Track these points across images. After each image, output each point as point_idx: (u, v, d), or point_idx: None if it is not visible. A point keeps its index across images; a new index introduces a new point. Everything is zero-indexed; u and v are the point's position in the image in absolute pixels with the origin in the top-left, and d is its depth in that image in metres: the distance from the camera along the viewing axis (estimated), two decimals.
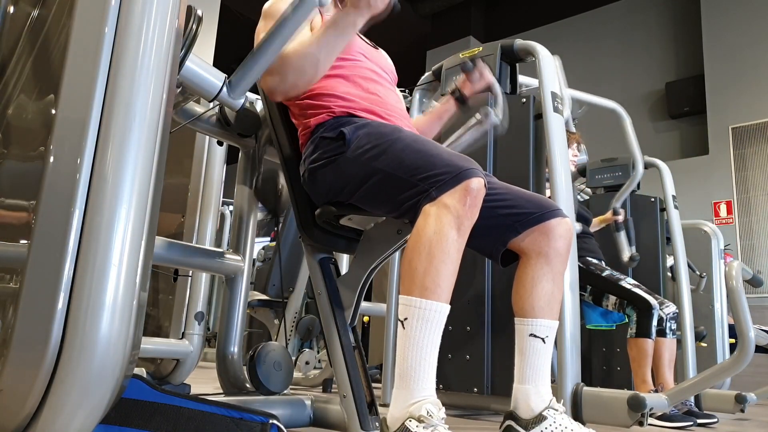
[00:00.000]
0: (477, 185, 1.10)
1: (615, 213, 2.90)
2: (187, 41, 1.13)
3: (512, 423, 1.26)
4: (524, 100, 2.29)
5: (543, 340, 1.27)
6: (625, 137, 2.93)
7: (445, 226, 1.08)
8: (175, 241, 1.62)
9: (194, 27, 1.13)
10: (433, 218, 1.09)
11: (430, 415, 1.03)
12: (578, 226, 2.76)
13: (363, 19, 1.28)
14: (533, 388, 1.26)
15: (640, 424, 1.74)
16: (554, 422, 1.20)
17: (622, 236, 2.91)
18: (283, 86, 1.33)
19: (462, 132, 1.62)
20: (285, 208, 1.62)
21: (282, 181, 1.61)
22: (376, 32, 1.68)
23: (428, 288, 1.07)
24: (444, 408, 1.07)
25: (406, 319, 1.08)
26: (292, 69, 1.30)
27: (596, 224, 2.96)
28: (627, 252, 2.88)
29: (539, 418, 1.22)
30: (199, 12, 1.13)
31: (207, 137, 1.97)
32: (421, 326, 1.07)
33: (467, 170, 1.11)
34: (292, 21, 1.19)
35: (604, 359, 3.20)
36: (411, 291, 1.08)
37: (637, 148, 2.94)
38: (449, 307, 1.09)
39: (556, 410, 1.23)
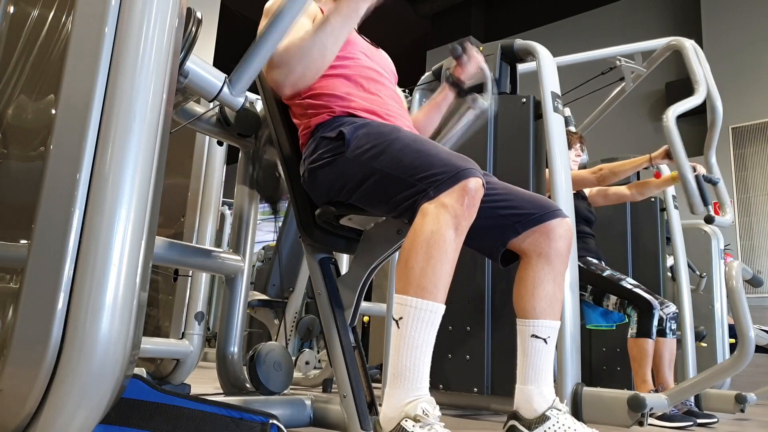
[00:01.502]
0: (475, 185, 1.10)
1: (714, 183, 2.72)
2: (186, 43, 1.13)
3: (515, 423, 1.26)
4: (524, 100, 2.29)
5: (545, 340, 1.27)
6: (691, 69, 2.77)
7: (443, 226, 1.07)
8: (175, 241, 1.62)
9: (194, 29, 1.13)
10: (430, 217, 1.09)
11: (426, 414, 1.02)
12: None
13: (366, 4, 1.29)
14: (536, 388, 1.25)
15: (640, 424, 1.74)
16: (557, 422, 1.20)
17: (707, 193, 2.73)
18: (291, 77, 1.33)
19: (455, 120, 1.62)
20: (282, 195, 1.63)
21: (280, 170, 1.62)
22: (376, 32, 1.68)
23: (425, 288, 1.07)
24: (439, 407, 1.07)
25: (401, 318, 1.08)
26: (299, 58, 1.31)
27: (664, 183, 2.81)
28: (710, 209, 2.71)
29: (542, 419, 1.22)
30: (199, 14, 1.13)
31: (207, 137, 1.97)
32: (416, 326, 1.07)
33: (465, 170, 1.11)
34: (290, 11, 1.19)
35: (604, 359, 3.20)
36: (407, 290, 1.08)
37: (712, 81, 2.78)
38: (445, 307, 1.09)
39: (559, 410, 1.23)
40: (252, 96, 1.80)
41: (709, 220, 2.62)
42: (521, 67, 2.50)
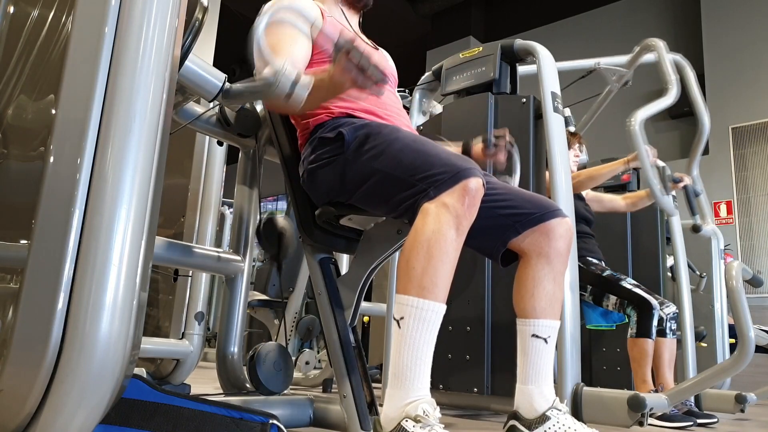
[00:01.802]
0: (475, 185, 1.10)
1: (676, 181, 2.79)
2: (192, 30, 1.13)
3: (516, 423, 1.26)
4: (524, 100, 2.29)
5: (545, 340, 1.27)
6: (688, 90, 2.83)
7: (444, 226, 1.08)
8: (175, 241, 1.62)
9: (200, 16, 1.12)
10: (431, 217, 1.09)
11: (427, 415, 1.02)
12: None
13: (348, 88, 1.18)
14: (536, 388, 1.26)
15: (640, 424, 1.73)
16: (557, 422, 1.20)
17: (694, 202, 2.81)
18: (275, 108, 1.43)
19: None
20: (286, 253, 1.62)
21: (281, 223, 1.62)
22: (376, 32, 1.68)
23: (426, 287, 1.07)
24: (439, 407, 1.07)
25: (402, 318, 1.08)
26: (285, 104, 1.28)
27: (647, 198, 2.86)
28: (697, 219, 2.80)
29: (542, 418, 1.22)
30: (205, 1, 1.13)
31: (207, 137, 1.97)
32: (417, 326, 1.07)
33: (466, 170, 1.11)
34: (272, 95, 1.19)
35: (604, 359, 3.20)
36: (408, 290, 1.08)
37: (702, 101, 2.84)
38: (446, 307, 1.09)
39: (560, 410, 1.23)
40: None
41: (696, 229, 2.71)
42: (521, 69, 2.51)
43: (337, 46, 1.08)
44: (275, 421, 0.96)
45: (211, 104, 1.62)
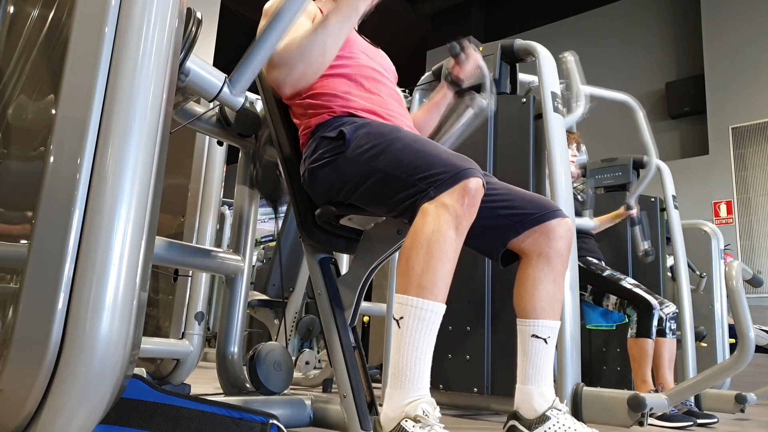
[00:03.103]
0: (475, 185, 1.10)
1: (628, 208, 2.90)
2: (186, 43, 1.13)
3: (516, 423, 1.26)
4: (524, 100, 2.29)
5: (545, 340, 1.27)
6: (639, 130, 2.90)
7: (444, 226, 1.07)
8: (175, 241, 1.62)
9: (194, 29, 1.13)
10: (431, 217, 1.09)
11: (427, 415, 1.02)
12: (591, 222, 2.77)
13: (364, 4, 1.30)
14: (536, 388, 1.25)
15: (640, 424, 1.73)
16: (557, 422, 1.20)
17: (638, 230, 2.93)
18: (292, 76, 1.34)
19: (454, 119, 1.62)
20: (283, 195, 1.63)
21: (280, 169, 1.62)
22: (376, 32, 1.68)
23: (425, 287, 1.07)
24: (439, 407, 1.07)
25: (402, 318, 1.08)
26: (300, 57, 1.31)
27: (608, 220, 2.94)
28: (643, 246, 2.91)
29: (542, 419, 1.22)
30: (199, 14, 1.13)
31: (207, 137, 1.97)
32: (417, 325, 1.07)
33: (466, 170, 1.11)
34: (289, 11, 1.18)
35: (604, 359, 3.20)
36: (407, 290, 1.08)
37: (652, 141, 2.91)
38: (445, 306, 1.09)
39: (560, 410, 1.23)
40: (252, 96, 1.80)
41: (647, 254, 2.95)
42: (521, 76, 2.51)
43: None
44: (275, 421, 0.96)
45: (211, 104, 1.62)
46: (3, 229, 0.93)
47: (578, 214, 2.76)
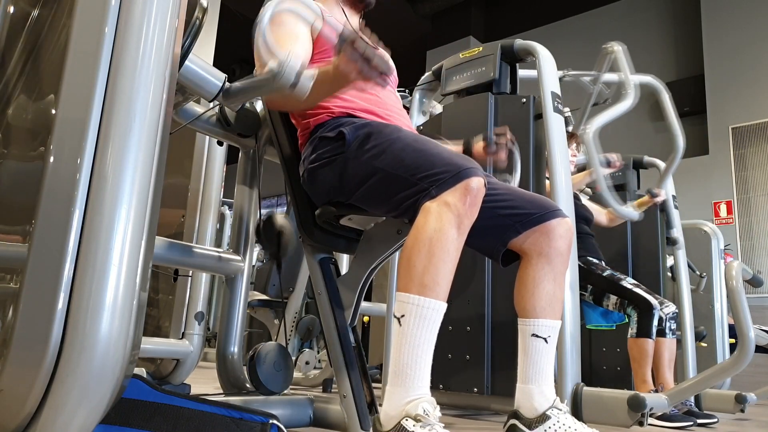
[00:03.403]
0: (477, 184, 1.10)
1: (653, 195, 2.85)
2: (191, 33, 1.13)
3: (516, 422, 1.26)
4: (524, 100, 2.29)
5: (545, 340, 1.27)
6: (664, 111, 2.84)
7: (446, 224, 1.08)
8: (175, 241, 1.62)
9: (200, 16, 1.12)
10: (433, 216, 1.09)
11: (427, 414, 1.02)
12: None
13: (348, 86, 1.21)
14: (536, 387, 1.26)
15: (640, 424, 1.73)
16: (558, 422, 1.21)
17: (666, 216, 2.90)
18: (275, 105, 1.44)
19: None
20: (286, 251, 1.62)
21: (280, 222, 1.61)
22: (376, 32, 1.67)
23: (427, 286, 1.07)
24: (439, 407, 1.07)
25: (403, 316, 1.08)
26: (285, 100, 1.34)
27: (635, 208, 2.90)
28: (674, 232, 2.87)
29: (543, 418, 1.22)
30: (204, 2, 1.13)
31: (207, 137, 1.97)
32: (418, 324, 1.07)
33: (467, 169, 1.11)
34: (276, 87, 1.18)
35: (604, 359, 3.20)
36: (409, 288, 1.08)
37: (677, 122, 2.86)
38: (446, 305, 1.09)
39: (560, 410, 1.23)
40: None
41: (672, 242, 2.89)
42: (521, 72, 2.51)
43: (341, 36, 1.07)
44: (275, 421, 0.96)
45: (211, 104, 1.62)
46: (3, 229, 0.93)
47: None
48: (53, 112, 0.79)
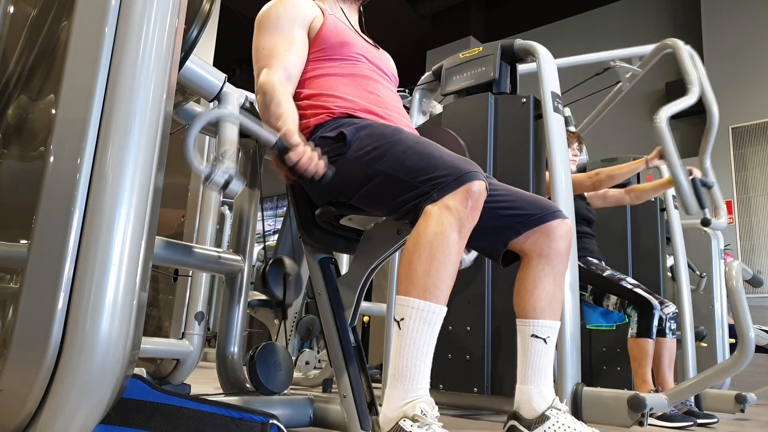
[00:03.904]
0: (479, 188, 1.10)
1: (690, 173, 2.76)
2: (200, 21, 1.12)
3: (515, 423, 1.26)
4: (524, 100, 2.29)
5: (545, 340, 1.27)
6: (682, 65, 2.81)
7: (447, 228, 1.07)
8: (175, 241, 1.62)
9: (207, 6, 1.12)
10: (434, 219, 1.09)
11: (425, 414, 1.02)
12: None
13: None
14: (536, 388, 1.26)
15: (640, 424, 1.73)
16: (557, 422, 1.20)
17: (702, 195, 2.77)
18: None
19: None
20: (294, 298, 1.59)
21: (288, 267, 1.59)
22: (376, 32, 1.67)
23: (428, 289, 1.07)
24: (439, 407, 1.07)
25: (403, 319, 1.08)
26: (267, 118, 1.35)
27: (659, 188, 2.83)
28: (706, 213, 2.74)
29: (542, 418, 1.22)
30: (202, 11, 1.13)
31: (207, 137, 1.97)
32: (418, 327, 1.07)
33: (469, 173, 1.11)
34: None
35: (604, 359, 3.20)
36: (409, 292, 1.08)
37: (708, 85, 2.81)
38: (446, 309, 1.09)
39: (559, 410, 1.23)
40: (252, 96, 1.80)
41: (705, 222, 2.65)
42: (521, 68, 2.51)
43: (277, 142, 1.16)
44: (275, 421, 0.96)
45: (211, 104, 1.62)
46: (3, 229, 0.93)
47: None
48: (53, 112, 0.79)
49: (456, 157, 1.16)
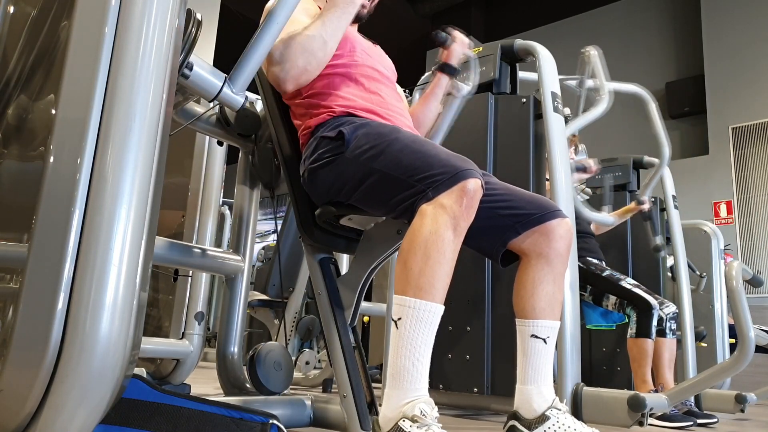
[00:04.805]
0: (474, 186, 1.10)
1: (639, 203, 2.88)
2: (186, 45, 1.13)
3: (515, 423, 1.26)
4: (524, 100, 2.29)
5: (544, 340, 1.27)
6: (651, 122, 2.88)
7: (441, 227, 1.07)
8: (175, 241, 1.62)
9: (194, 31, 1.12)
10: (429, 218, 1.09)
11: (424, 415, 1.02)
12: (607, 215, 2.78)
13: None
14: (535, 388, 1.26)
15: (640, 424, 1.73)
16: (557, 422, 1.21)
17: (649, 225, 2.91)
18: (293, 72, 1.32)
19: (445, 111, 1.68)
20: (280, 181, 1.63)
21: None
22: (376, 32, 1.67)
23: (423, 288, 1.07)
24: (439, 407, 1.07)
25: (399, 319, 1.08)
26: (300, 52, 1.31)
27: (620, 216, 2.93)
28: (655, 240, 2.88)
29: (542, 418, 1.22)
30: (199, 16, 1.13)
31: (207, 137, 1.97)
32: (415, 326, 1.07)
33: (464, 171, 1.11)
34: (286, 4, 1.18)
35: (604, 359, 3.20)
36: (405, 291, 1.08)
37: (664, 133, 2.89)
38: (443, 307, 1.09)
39: (559, 410, 1.23)
40: (252, 96, 1.80)
41: (657, 249, 2.90)
42: (522, 74, 2.51)
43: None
44: (275, 421, 0.96)
45: (211, 104, 1.62)
46: (3, 229, 0.93)
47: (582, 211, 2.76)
48: (53, 112, 0.79)
49: (452, 156, 1.16)
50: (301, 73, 1.33)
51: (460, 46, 1.63)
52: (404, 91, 2.72)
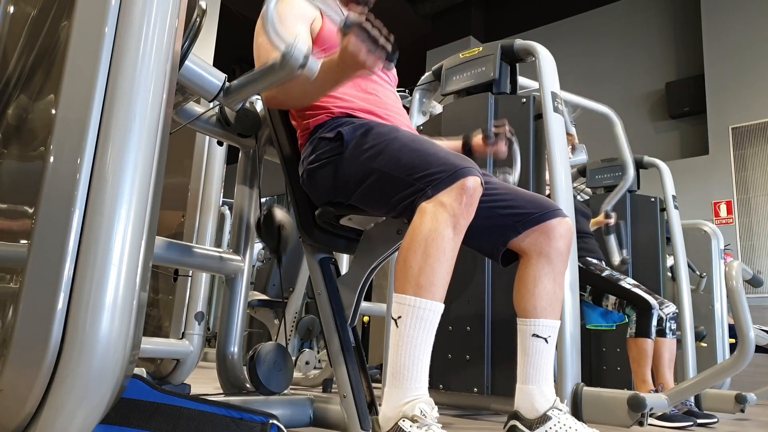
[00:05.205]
0: (473, 184, 1.10)
1: (606, 216, 2.89)
2: (190, 34, 1.13)
3: (516, 423, 1.26)
4: (524, 100, 2.29)
5: (545, 340, 1.27)
6: (617, 140, 2.94)
7: (441, 225, 1.07)
8: (175, 241, 1.62)
9: (198, 20, 1.12)
10: (429, 216, 1.09)
11: (424, 415, 1.02)
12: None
13: (355, 74, 1.20)
14: (537, 388, 1.26)
15: (640, 424, 1.73)
16: (558, 422, 1.20)
17: (612, 239, 2.90)
18: (284, 107, 1.44)
19: None
20: (287, 246, 1.62)
21: (280, 216, 1.61)
22: None
23: (423, 286, 1.07)
24: (439, 407, 1.07)
25: (399, 317, 1.08)
26: (288, 101, 1.36)
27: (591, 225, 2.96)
28: (617, 255, 2.88)
29: (543, 418, 1.22)
30: (203, 4, 1.13)
31: (207, 137, 1.97)
32: (415, 325, 1.06)
33: (463, 169, 1.11)
34: (283, 72, 1.14)
35: (604, 359, 3.20)
36: (405, 289, 1.08)
37: (628, 152, 2.94)
38: (443, 306, 1.09)
39: (560, 410, 1.23)
40: (252, 96, 1.80)
41: (623, 262, 2.89)
42: (522, 80, 2.51)
43: (347, 19, 1.06)
44: (275, 421, 0.96)
45: (211, 104, 1.62)
46: (3, 229, 0.93)
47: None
48: (53, 112, 0.79)
49: (451, 154, 1.16)
50: (285, 106, 1.42)
51: (498, 144, 1.57)
52: (404, 91, 2.73)
